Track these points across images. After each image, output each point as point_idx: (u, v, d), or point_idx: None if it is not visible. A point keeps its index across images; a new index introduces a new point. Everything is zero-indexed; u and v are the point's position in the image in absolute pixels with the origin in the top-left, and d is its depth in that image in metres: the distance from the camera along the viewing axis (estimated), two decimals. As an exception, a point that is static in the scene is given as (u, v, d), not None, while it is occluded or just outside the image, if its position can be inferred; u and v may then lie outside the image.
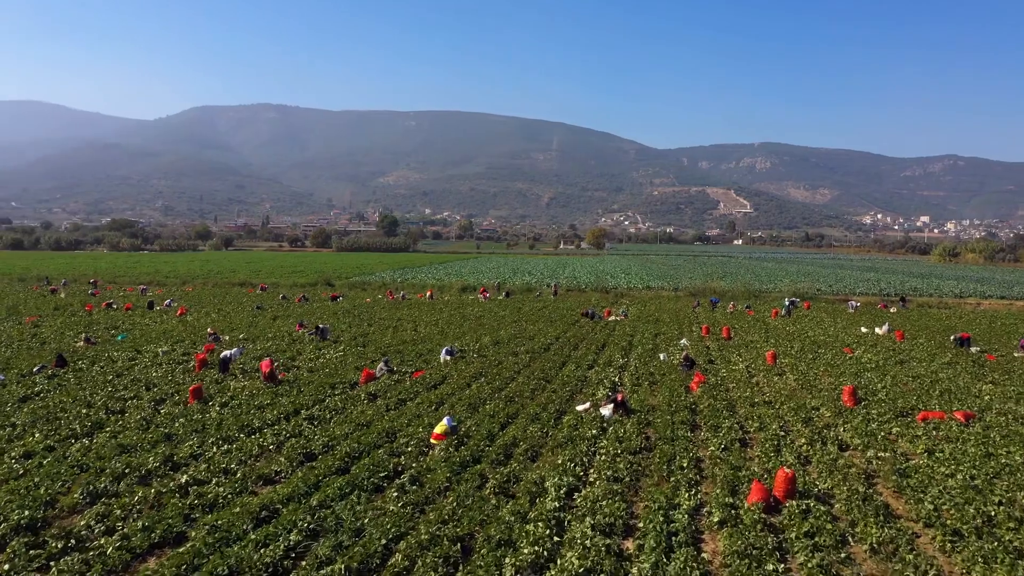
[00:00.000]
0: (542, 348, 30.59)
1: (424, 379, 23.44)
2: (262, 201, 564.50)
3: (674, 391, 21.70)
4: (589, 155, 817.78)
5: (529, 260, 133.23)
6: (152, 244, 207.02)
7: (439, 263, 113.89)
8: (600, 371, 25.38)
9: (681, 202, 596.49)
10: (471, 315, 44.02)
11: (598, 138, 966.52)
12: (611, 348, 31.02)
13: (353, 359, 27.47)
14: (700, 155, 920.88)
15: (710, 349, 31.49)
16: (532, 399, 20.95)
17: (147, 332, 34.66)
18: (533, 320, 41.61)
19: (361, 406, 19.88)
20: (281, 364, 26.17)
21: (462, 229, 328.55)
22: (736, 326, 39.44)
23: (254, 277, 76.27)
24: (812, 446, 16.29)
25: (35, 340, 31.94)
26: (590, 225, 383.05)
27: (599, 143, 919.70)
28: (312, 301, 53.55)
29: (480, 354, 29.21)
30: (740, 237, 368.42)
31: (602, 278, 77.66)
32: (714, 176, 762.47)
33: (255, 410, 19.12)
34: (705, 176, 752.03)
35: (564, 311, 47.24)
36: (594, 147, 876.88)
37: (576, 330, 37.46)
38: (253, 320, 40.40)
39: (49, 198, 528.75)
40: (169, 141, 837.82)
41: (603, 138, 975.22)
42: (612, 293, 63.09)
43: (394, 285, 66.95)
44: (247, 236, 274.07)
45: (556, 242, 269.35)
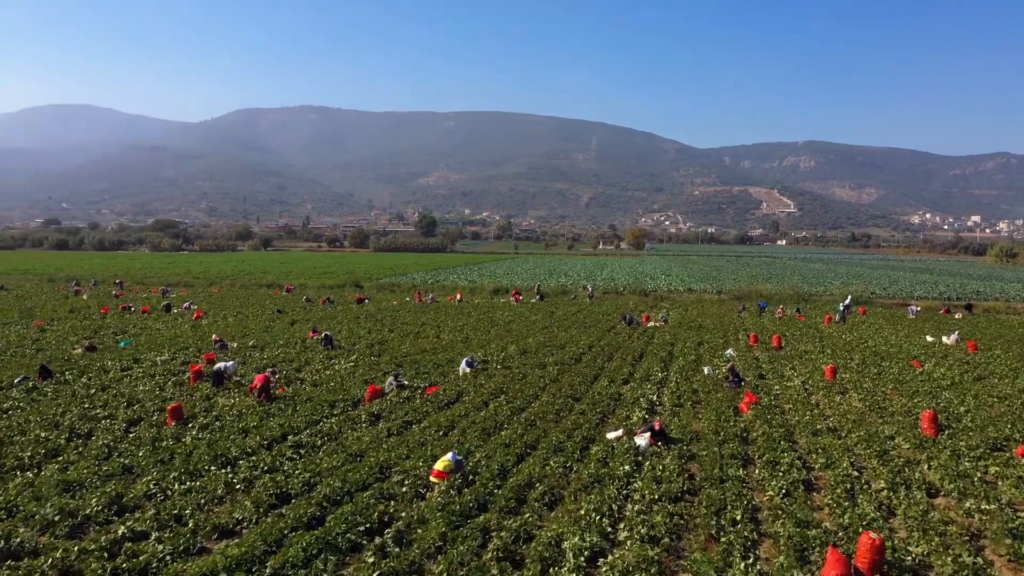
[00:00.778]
0: (573, 359, 27.85)
1: (437, 396, 20.87)
2: (303, 202, 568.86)
3: (721, 413, 18.82)
4: (629, 155, 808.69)
5: (566, 261, 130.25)
6: (192, 244, 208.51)
7: (474, 264, 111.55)
8: (636, 387, 22.55)
9: (723, 202, 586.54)
10: (500, 320, 41.43)
11: (638, 138, 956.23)
12: (649, 359, 28.15)
13: (364, 371, 25.04)
14: (742, 154, 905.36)
15: (760, 361, 28.41)
16: (556, 423, 18.24)
17: (154, 338, 32.67)
18: (566, 326, 38.86)
19: (359, 430, 17.36)
20: (283, 377, 23.83)
21: (501, 229, 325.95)
22: (787, 334, 36.22)
23: (284, 278, 74.64)
24: (894, 492, 13.30)
25: (34, 346, 30.11)
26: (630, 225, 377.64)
27: (639, 143, 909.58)
28: (337, 304, 51.43)
29: (504, 365, 26.58)
30: (784, 237, 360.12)
31: (641, 280, 74.47)
32: (757, 175, 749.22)
33: (237, 435, 16.72)
34: (747, 175, 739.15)
35: (600, 316, 44.39)
36: (634, 147, 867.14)
37: (611, 338, 34.62)
38: (269, 325, 38.29)
39: (98, 199, 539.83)
40: (214, 143, 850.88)
41: (643, 137, 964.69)
42: (651, 296, 59.98)
43: (424, 287, 64.65)
44: (287, 236, 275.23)
45: (595, 242, 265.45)
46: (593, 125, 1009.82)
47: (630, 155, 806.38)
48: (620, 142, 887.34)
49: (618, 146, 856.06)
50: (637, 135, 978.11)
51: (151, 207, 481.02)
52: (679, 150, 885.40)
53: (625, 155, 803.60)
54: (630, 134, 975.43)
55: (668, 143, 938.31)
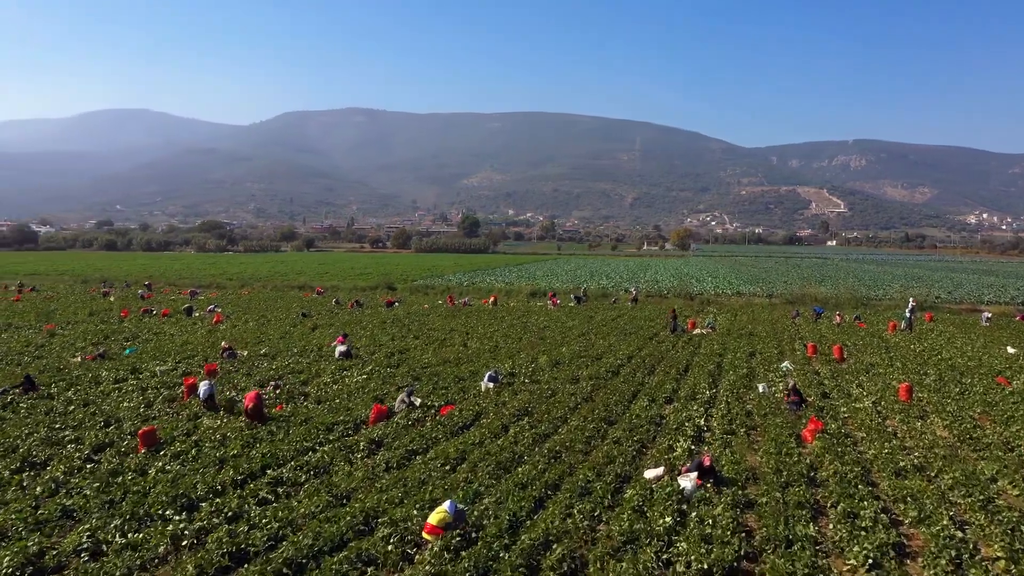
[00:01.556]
0: (610, 371, 25.08)
1: (452, 417, 18.31)
2: (349, 203, 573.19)
3: (782, 444, 15.93)
4: (674, 154, 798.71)
5: (609, 262, 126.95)
6: (237, 245, 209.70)
7: (515, 265, 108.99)
8: (680, 408, 19.72)
9: (770, 202, 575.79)
10: (534, 325, 38.75)
11: (684, 137, 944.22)
12: (696, 373, 25.25)
13: (376, 384, 22.63)
14: (790, 153, 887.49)
15: (821, 376, 25.27)
16: (586, 455, 15.53)
17: (163, 345, 30.73)
18: (604, 333, 36.04)
19: (355, 462, 14.90)
20: (285, 392, 21.51)
21: (544, 230, 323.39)
22: (848, 344, 32.86)
23: (319, 279, 73.03)
24: (1015, 564, 10.35)
25: (36, 352, 28.38)
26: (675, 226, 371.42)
27: (685, 142, 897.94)
28: (366, 307, 49.25)
29: (532, 379, 23.94)
30: (834, 238, 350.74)
31: (686, 282, 71.07)
32: (805, 175, 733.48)
33: (211, 466, 14.36)
34: (796, 175, 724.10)
35: (642, 321, 41.43)
36: (679, 146, 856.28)
37: (654, 347, 31.71)
38: (289, 330, 36.19)
39: (151, 201, 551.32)
40: (262, 145, 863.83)
41: (689, 137, 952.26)
42: (697, 300, 56.62)
43: (459, 289, 62.25)
44: (331, 237, 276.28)
45: (639, 243, 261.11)
46: (638, 125, 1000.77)
47: (675, 155, 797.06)
48: (665, 142, 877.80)
49: (663, 146, 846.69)
50: (682, 134, 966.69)
51: (201, 208, 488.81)
52: (725, 149, 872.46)
53: (670, 155, 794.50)
54: (675, 133, 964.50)
55: (714, 142, 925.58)
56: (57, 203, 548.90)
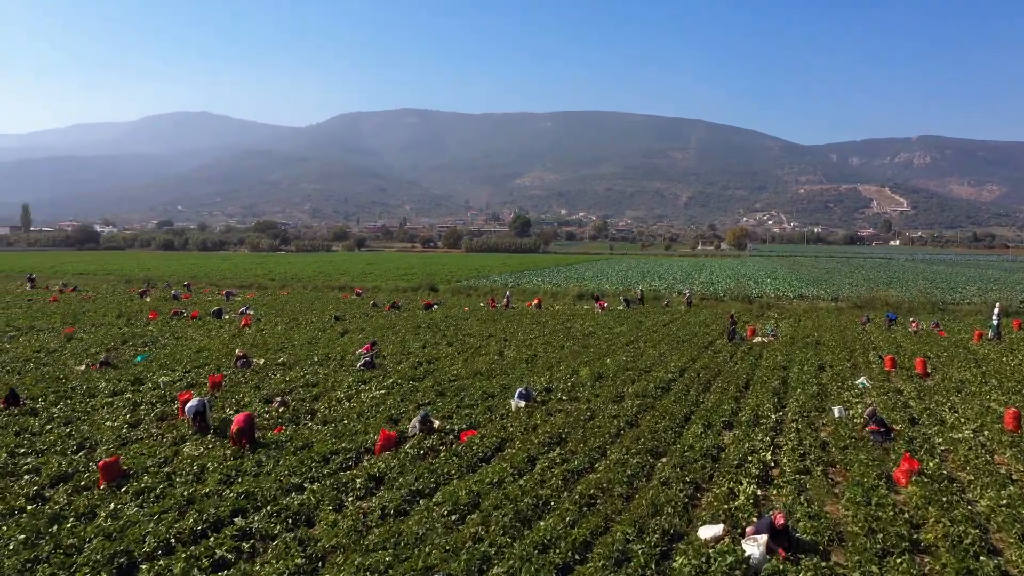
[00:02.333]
0: (659, 387, 22.18)
1: (472, 446, 15.69)
2: (403, 203, 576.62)
3: (869, 489, 12.92)
4: (730, 153, 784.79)
5: (662, 262, 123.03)
6: (289, 245, 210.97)
7: (564, 265, 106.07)
8: (742, 436, 16.76)
9: (829, 200, 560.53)
10: (578, 332, 35.89)
11: (740, 135, 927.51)
12: (758, 390, 22.17)
13: (394, 401, 20.14)
14: (851, 150, 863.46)
15: (904, 395, 21.92)
16: (626, 502, 12.72)
17: (178, 351, 28.78)
18: (655, 340, 33.02)
19: (345, 506, 12.37)
20: (289, 411, 19.15)
21: (596, 229, 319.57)
22: (930, 355, 29.22)
23: (362, 280, 71.30)
24: None
25: (43, 359, 26.67)
26: (730, 225, 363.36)
27: (741, 140, 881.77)
28: (404, 309, 46.96)
29: (571, 396, 21.20)
30: (897, 237, 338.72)
31: (744, 284, 67.20)
32: (866, 172, 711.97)
33: (176, 509, 11.98)
34: (856, 173, 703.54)
35: (696, 327, 38.23)
36: (735, 144, 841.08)
37: (709, 357, 28.60)
38: (317, 335, 34.02)
39: (210, 202, 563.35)
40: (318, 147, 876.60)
41: (745, 135, 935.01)
42: (756, 303, 52.93)
43: (503, 291, 59.64)
44: (383, 237, 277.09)
45: (694, 243, 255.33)
46: (692, 123, 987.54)
47: (731, 153, 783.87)
48: (720, 140, 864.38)
49: (718, 144, 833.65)
50: (738, 132, 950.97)
51: (258, 209, 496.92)
52: (783, 147, 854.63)
53: (726, 153, 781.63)
54: (731, 131, 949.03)
55: (771, 140, 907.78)
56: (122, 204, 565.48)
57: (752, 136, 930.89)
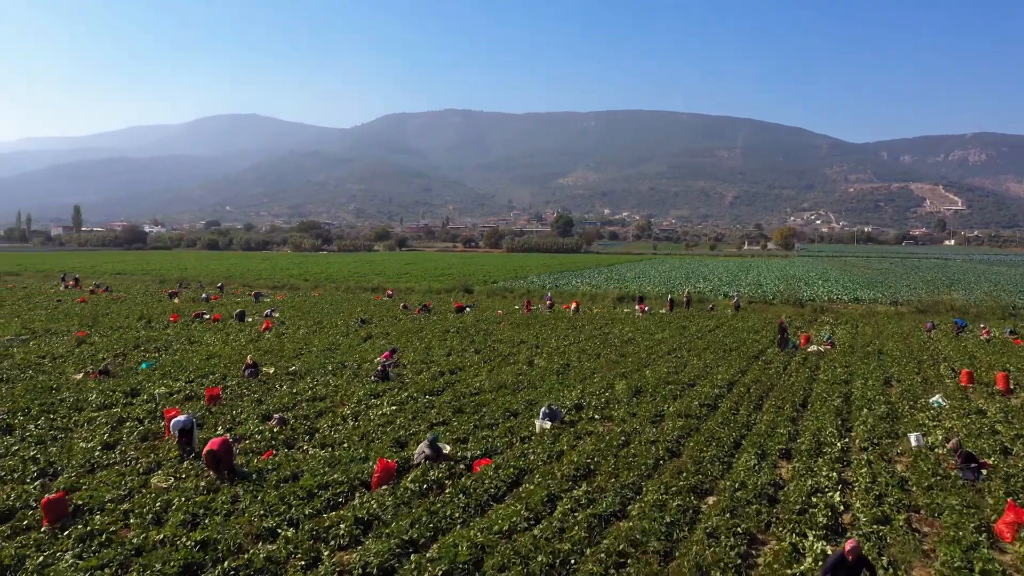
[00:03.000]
0: (705, 405, 19.71)
1: (484, 480, 13.46)
2: (446, 203, 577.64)
3: (967, 544, 10.41)
4: (777, 151, 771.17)
5: (708, 262, 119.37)
6: (331, 245, 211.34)
7: (606, 265, 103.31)
8: (803, 469, 14.25)
9: (880, 199, 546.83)
10: (616, 338, 33.40)
11: (787, 133, 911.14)
12: (817, 409, 19.57)
13: (405, 420, 18.03)
14: (902, 148, 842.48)
15: (989, 418, 19.07)
16: (664, 559, 10.39)
17: (187, 358, 27.08)
18: (699, 348, 30.44)
19: (321, 562, 10.25)
20: (288, 430, 17.15)
21: (640, 229, 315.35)
22: (1011, 368, 26.13)
23: (397, 280, 69.76)
24: None
25: (44, 367, 25.18)
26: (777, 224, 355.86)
27: (788, 138, 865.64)
28: (435, 312, 44.92)
29: (604, 415, 18.87)
30: (952, 237, 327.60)
31: (794, 286, 63.78)
32: (919, 170, 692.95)
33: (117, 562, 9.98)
34: (908, 171, 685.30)
35: (745, 334, 35.48)
36: (782, 143, 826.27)
37: (760, 369, 25.95)
38: (338, 341, 32.11)
39: (257, 202, 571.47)
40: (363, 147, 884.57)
41: (792, 133, 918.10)
42: (808, 307, 49.67)
43: (540, 292, 57.33)
44: (426, 237, 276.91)
45: (739, 242, 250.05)
46: (738, 121, 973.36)
47: (778, 151, 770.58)
48: (767, 138, 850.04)
49: (765, 142, 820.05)
50: (785, 130, 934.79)
51: (304, 209, 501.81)
52: (831, 145, 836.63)
53: (772, 151, 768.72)
54: (778, 130, 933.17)
55: (819, 138, 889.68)
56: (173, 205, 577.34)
57: (799, 134, 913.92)
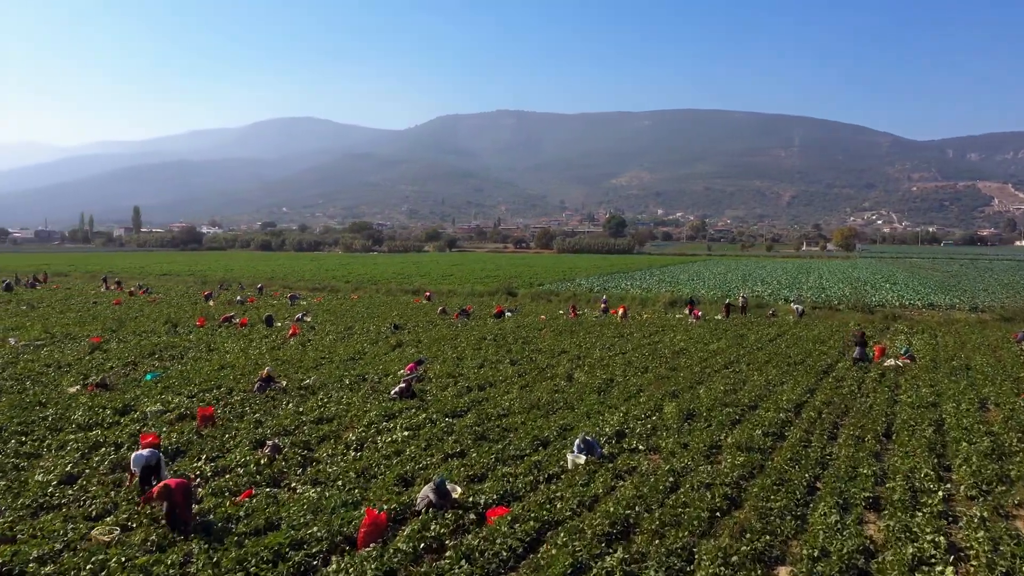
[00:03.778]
0: (769, 434, 16.79)
1: (494, 539, 10.86)
2: (498, 203, 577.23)
3: None
4: (836, 150, 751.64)
5: (765, 264, 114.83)
6: (382, 246, 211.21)
7: (658, 267, 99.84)
8: (897, 528, 11.31)
9: (945, 198, 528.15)
10: (666, 349, 30.35)
11: (847, 131, 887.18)
12: (904, 441, 16.47)
13: (416, 449, 15.53)
14: (968, 146, 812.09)
15: (1118, 455, 15.79)
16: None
17: (199, 368, 25.10)
18: (760, 361, 27.31)
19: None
20: (282, 458, 14.82)
21: (694, 230, 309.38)
22: None
23: (443, 282, 67.91)
24: None
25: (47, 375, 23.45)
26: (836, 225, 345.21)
27: (848, 136, 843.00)
28: (473, 317, 42.44)
29: (650, 446, 16.12)
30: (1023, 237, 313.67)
31: (860, 290, 59.64)
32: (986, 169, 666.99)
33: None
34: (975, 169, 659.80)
35: (810, 344, 32.09)
36: (842, 141, 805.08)
37: (831, 388, 22.72)
38: (365, 349, 29.84)
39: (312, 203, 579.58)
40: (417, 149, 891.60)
41: (852, 131, 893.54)
42: (878, 314, 45.70)
43: (586, 296, 54.49)
44: (476, 237, 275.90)
45: (797, 243, 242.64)
46: (796, 119, 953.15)
47: (837, 150, 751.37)
48: (826, 136, 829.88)
49: (824, 141, 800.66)
50: (845, 128, 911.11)
51: (358, 210, 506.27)
52: (893, 143, 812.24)
53: (832, 150, 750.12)
54: (837, 127, 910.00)
55: (881, 136, 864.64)
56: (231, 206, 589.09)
57: (860, 132, 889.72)
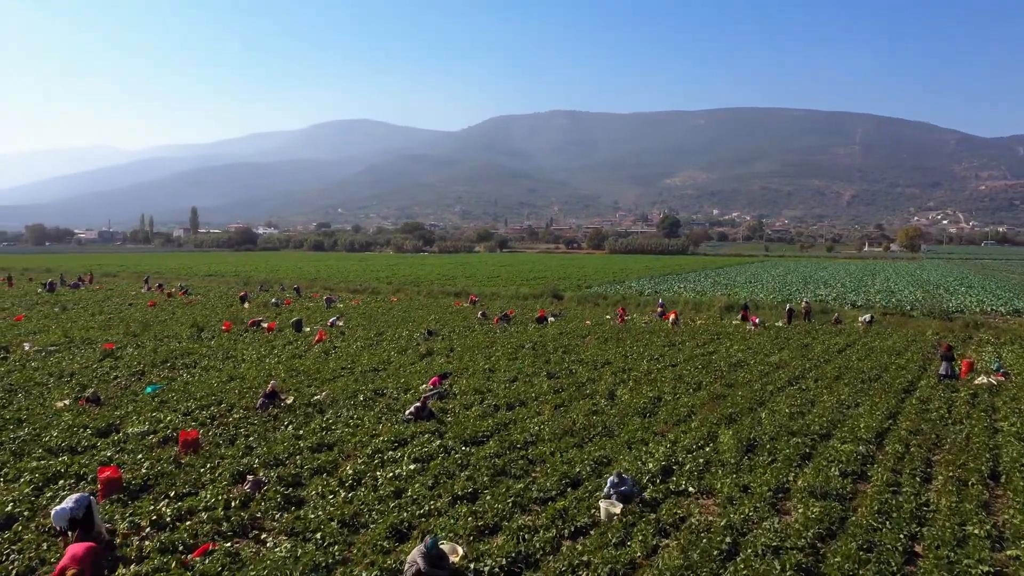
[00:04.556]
0: (849, 474, 13.91)
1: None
2: (551, 204, 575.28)
3: None
4: (899, 148, 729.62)
5: (826, 265, 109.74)
6: (432, 246, 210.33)
7: (713, 268, 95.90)
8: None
9: (1015, 197, 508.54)
10: (721, 361, 27.25)
11: (910, 128, 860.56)
12: (1017, 483, 13.44)
13: (420, 489, 13.06)
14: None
15: None
16: None
17: (205, 380, 23.11)
18: (830, 377, 24.12)
19: None
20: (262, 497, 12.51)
21: (750, 230, 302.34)
22: None
23: (488, 283, 65.60)
24: None
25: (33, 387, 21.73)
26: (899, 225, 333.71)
27: (911, 134, 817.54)
28: (514, 322, 39.78)
29: (703, 486, 13.36)
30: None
31: (934, 294, 55.23)
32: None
33: None
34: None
35: (885, 357, 28.52)
36: (905, 139, 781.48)
37: (916, 411, 19.47)
38: (391, 358, 27.52)
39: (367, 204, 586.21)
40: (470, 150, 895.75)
41: (916, 128, 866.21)
42: (958, 321, 41.52)
43: (636, 299, 51.44)
44: (528, 238, 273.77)
45: (859, 243, 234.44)
46: (857, 117, 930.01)
47: (900, 148, 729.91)
48: (889, 134, 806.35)
49: (886, 139, 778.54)
50: (909, 125, 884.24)
51: (412, 211, 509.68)
52: (960, 140, 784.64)
53: (894, 148, 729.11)
54: (901, 125, 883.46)
55: (947, 133, 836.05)
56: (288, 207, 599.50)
57: (924, 129, 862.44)
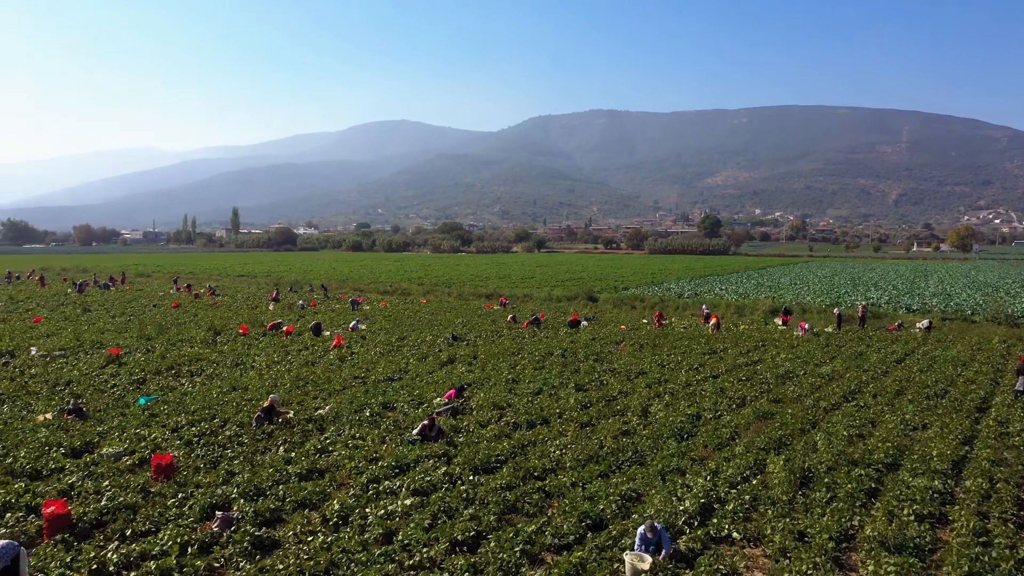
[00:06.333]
0: (927, 517, 11.70)
1: None
2: (590, 204, 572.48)
3: None
4: (948, 145, 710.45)
5: (874, 266, 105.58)
6: (470, 246, 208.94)
7: (755, 269, 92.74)
8: None
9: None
10: (768, 371, 24.97)
11: (960, 125, 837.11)
12: None
13: (415, 532, 11.15)
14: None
15: None
16: None
17: (202, 391, 21.51)
18: (891, 391, 21.70)
19: None
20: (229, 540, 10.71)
21: (793, 230, 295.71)
22: None
23: (522, 284, 63.53)
24: None
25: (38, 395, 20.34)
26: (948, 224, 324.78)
27: (961, 131, 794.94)
28: (545, 327, 37.68)
29: (750, 532, 11.24)
30: None
31: (996, 298, 51.44)
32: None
33: None
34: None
35: (949, 368, 25.84)
36: (954, 136, 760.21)
37: (994, 432, 16.99)
38: (410, 366, 25.72)
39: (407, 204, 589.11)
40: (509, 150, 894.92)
41: (966, 125, 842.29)
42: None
43: (676, 303, 49.06)
44: (567, 238, 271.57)
45: (907, 243, 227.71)
46: (903, 114, 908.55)
47: (949, 145, 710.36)
48: (937, 131, 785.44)
49: (934, 136, 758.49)
50: (958, 122, 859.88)
51: (451, 211, 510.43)
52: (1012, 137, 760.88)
53: (943, 146, 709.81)
54: (949, 122, 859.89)
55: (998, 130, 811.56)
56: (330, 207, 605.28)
57: (974, 126, 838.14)
